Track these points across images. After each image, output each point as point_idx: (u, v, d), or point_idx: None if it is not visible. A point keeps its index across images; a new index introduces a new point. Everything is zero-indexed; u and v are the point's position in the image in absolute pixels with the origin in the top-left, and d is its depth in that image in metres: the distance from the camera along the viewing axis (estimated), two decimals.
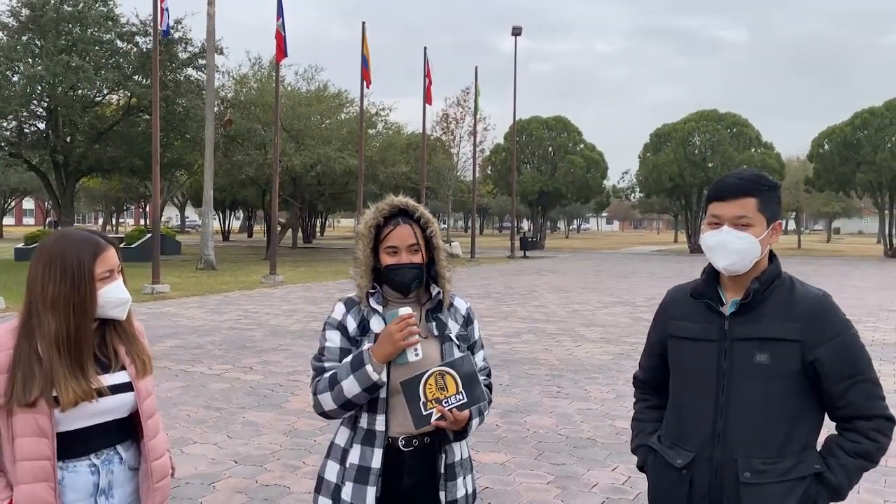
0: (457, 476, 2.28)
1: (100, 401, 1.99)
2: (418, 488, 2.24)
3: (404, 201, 2.32)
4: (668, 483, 2.09)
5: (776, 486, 1.95)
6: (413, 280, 2.26)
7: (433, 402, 2.10)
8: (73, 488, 1.99)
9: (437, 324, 2.30)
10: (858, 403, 1.98)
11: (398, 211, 2.30)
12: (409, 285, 2.26)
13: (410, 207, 2.31)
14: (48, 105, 26.05)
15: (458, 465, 2.30)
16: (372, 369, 2.13)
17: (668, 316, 2.19)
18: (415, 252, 2.26)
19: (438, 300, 2.32)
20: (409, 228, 2.27)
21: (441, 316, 2.32)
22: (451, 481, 2.25)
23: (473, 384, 2.14)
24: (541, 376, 8.25)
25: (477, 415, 2.24)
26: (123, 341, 2.10)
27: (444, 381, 2.12)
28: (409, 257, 2.24)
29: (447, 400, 2.11)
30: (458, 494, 2.27)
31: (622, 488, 4.82)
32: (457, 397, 2.11)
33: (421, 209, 2.33)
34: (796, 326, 1.98)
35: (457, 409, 2.12)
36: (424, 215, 2.31)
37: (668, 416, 2.18)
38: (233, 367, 8.56)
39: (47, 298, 1.95)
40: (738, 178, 2.04)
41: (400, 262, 2.24)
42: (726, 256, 2.01)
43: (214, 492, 4.65)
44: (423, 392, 2.10)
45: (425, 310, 2.32)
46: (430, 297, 2.33)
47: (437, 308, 2.33)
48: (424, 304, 2.33)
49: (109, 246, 2.04)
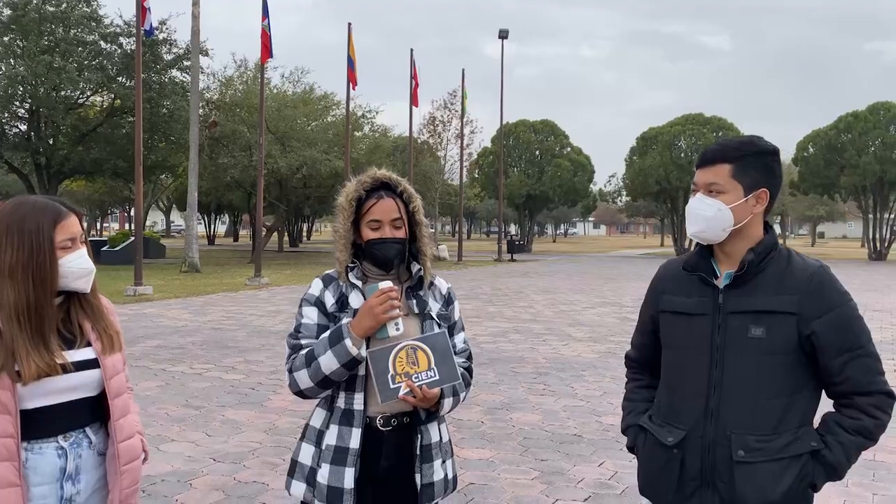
0: (433, 458, 2.18)
1: (64, 377, 1.88)
2: (394, 470, 2.15)
3: (387, 174, 2.23)
4: (659, 463, 2.00)
5: (771, 464, 1.86)
6: (396, 256, 2.18)
7: (402, 375, 2.02)
8: (37, 471, 1.88)
9: (418, 301, 2.22)
10: (858, 378, 1.89)
11: (380, 184, 2.21)
12: (392, 261, 2.18)
13: (393, 181, 2.22)
14: (30, 106, 25.76)
15: (436, 447, 2.20)
16: (351, 343, 2.03)
17: (661, 291, 2.10)
18: (398, 227, 2.17)
19: (419, 277, 2.23)
20: (393, 202, 2.18)
21: (422, 294, 2.24)
22: (427, 463, 2.16)
23: (447, 362, 2.05)
24: (527, 374, 8.15)
25: (451, 394, 2.15)
26: (89, 316, 2.00)
27: (416, 356, 2.04)
28: (392, 232, 2.16)
29: (417, 375, 2.03)
30: (434, 478, 2.18)
31: (609, 483, 4.72)
32: (428, 374, 2.03)
33: (404, 183, 2.24)
34: (793, 298, 1.89)
35: (426, 385, 2.02)
36: (407, 190, 2.23)
37: (660, 394, 2.09)
38: (214, 366, 8.41)
39: (5, 267, 1.84)
40: (718, 145, 1.99)
41: (383, 237, 2.16)
42: (694, 222, 1.96)
43: (191, 489, 4.52)
44: (392, 365, 2.02)
45: (405, 287, 2.24)
46: (410, 275, 2.25)
47: (418, 286, 2.24)
48: (405, 282, 2.25)
49: (71, 213, 1.93)
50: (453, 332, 2.28)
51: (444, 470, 2.22)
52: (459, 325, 2.33)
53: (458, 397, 2.20)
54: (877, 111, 38.98)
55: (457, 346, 2.26)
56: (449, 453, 2.29)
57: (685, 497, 1.94)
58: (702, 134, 43.90)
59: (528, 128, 48.00)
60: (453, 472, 2.29)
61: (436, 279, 2.31)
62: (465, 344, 2.32)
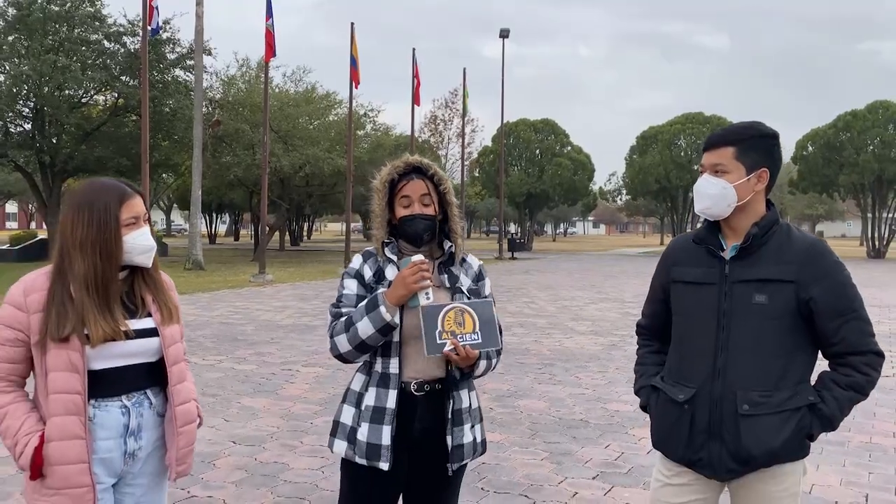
0: (463, 423, 2.35)
1: (126, 342, 2.06)
2: (427, 433, 2.32)
3: (418, 159, 2.41)
4: (671, 419, 2.19)
5: (772, 416, 2.06)
6: (425, 231, 2.34)
7: (448, 333, 2.18)
8: (104, 426, 2.06)
9: (449, 276, 2.39)
10: (851, 339, 2.08)
11: (412, 168, 2.39)
12: (422, 235, 2.35)
13: (424, 165, 2.40)
14: (34, 105, 25.89)
15: (466, 412, 2.37)
16: (385, 310, 2.21)
17: (672, 262, 2.29)
18: (426, 204, 2.35)
19: (450, 254, 2.40)
20: (422, 182, 2.36)
21: (453, 269, 2.41)
22: (458, 427, 2.33)
23: (490, 328, 2.22)
24: (532, 365, 8.34)
25: (485, 358, 2.32)
26: (150, 289, 2.18)
27: (463, 318, 2.21)
28: (421, 209, 2.34)
29: (462, 336, 2.19)
30: (464, 440, 2.35)
31: (615, 463, 4.91)
32: (472, 336, 2.19)
33: (434, 167, 2.41)
34: (792, 268, 2.08)
35: (469, 346, 2.19)
36: (438, 172, 2.40)
37: (671, 357, 2.27)
38: (226, 357, 8.59)
39: (76, 241, 2.03)
40: (722, 130, 2.20)
41: (413, 213, 2.33)
42: (701, 200, 2.16)
43: (215, 469, 4.70)
44: (441, 322, 2.18)
45: (437, 263, 2.40)
46: (443, 252, 2.42)
47: (450, 262, 2.41)
48: (438, 258, 2.41)
49: (136, 194, 2.12)
50: None
51: (473, 434, 2.39)
52: (491, 301, 2.47)
53: (491, 362, 2.37)
54: (875, 110, 39.19)
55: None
56: (478, 418, 2.45)
57: (695, 449, 2.14)
58: (701, 133, 44.11)
59: (528, 127, 48.20)
60: (482, 436, 2.46)
61: (468, 256, 2.48)
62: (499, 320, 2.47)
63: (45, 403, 2.02)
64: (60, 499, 1.98)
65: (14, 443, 1.99)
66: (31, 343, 2.02)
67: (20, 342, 2.02)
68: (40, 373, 2.02)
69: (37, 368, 2.04)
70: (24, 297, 2.03)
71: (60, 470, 1.98)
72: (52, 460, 1.98)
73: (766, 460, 2.08)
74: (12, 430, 2.00)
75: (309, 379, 7.48)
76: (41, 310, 2.01)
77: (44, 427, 2.00)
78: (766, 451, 2.06)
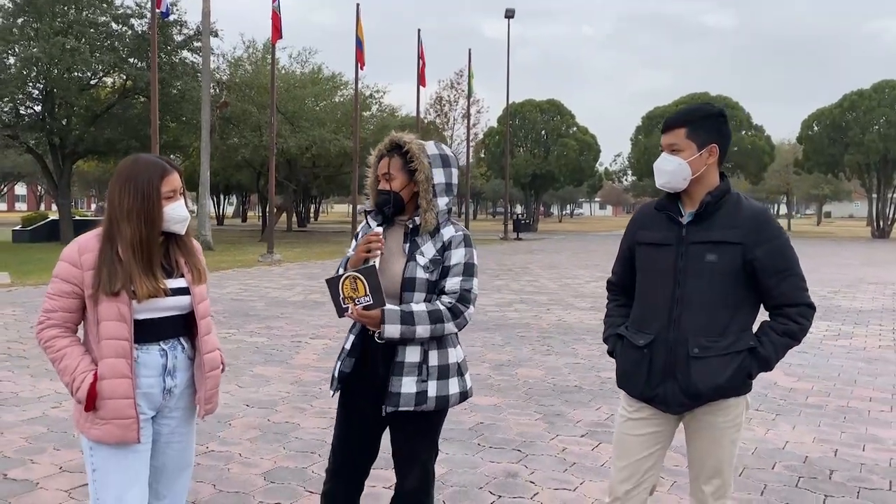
0: (404, 374, 2.60)
1: (165, 299, 2.41)
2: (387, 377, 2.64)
3: (397, 136, 2.69)
4: (633, 361, 2.53)
5: (718, 358, 2.40)
6: (383, 204, 2.66)
7: (349, 298, 2.55)
8: (146, 366, 2.42)
9: (411, 245, 2.65)
10: (787, 293, 2.42)
11: (394, 146, 2.68)
12: (382, 207, 2.66)
13: (402, 142, 2.67)
14: (44, 87, 26.20)
15: (414, 366, 2.60)
16: (342, 270, 2.64)
17: (638, 227, 2.63)
18: (387, 180, 2.66)
19: (415, 225, 2.66)
20: (387, 160, 2.67)
21: (417, 239, 2.65)
22: (397, 376, 2.60)
23: (378, 291, 2.52)
24: (532, 338, 8.68)
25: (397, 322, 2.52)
26: (183, 253, 2.52)
27: (356, 284, 2.54)
28: (384, 184, 2.67)
29: (358, 300, 2.54)
30: (401, 389, 2.59)
31: (604, 423, 5.25)
32: (364, 299, 2.53)
33: (410, 144, 2.65)
34: (739, 232, 2.41)
35: (363, 308, 2.53)
36: (412, 149, 2.64)
37: (634, 309, 2.61)
38: (238, 331, 8.97)
39: (124, 210, 2.36)
40: (674, 113, 2.53)
41: (381, 189, 2.68)
42: (660, 176, 2.49)
43: (230, 428, 5.07)
44: (340, 289, 2.55)
45: (405, 232, 2.68)
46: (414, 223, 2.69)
47: (415, 232, 2.66)
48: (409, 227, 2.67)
49: (174, 171, 2.45)
50: (448, 275, 2.60)
51: (420, 387, 2.61)
52: (456, 270, 2.61)
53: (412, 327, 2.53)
54: (881, 89, 39.12)
55: (445, 286, 2.59)
56: (434, 375, 2.62)
57: (653, 387, 2.48)
58: None
59: (534, 107, 48.24)
60: (439, 392, 2.62)
61: (445, 227, 2.68)
62: (457, 287, 2.60)
63: (96, 348, 2.36)
64: (110, 427, 2.33)
65: (72, 379, 2.34)
66: (85, 296, 2.35)
67: (75, 294, 2.37)
68: (92, 321, 2.36)
69: (89, 317, 2.37)
70: (79, 256, 2.36)
71: (111, 403, 2.33)
72: (104, 395, 2.33)
73: (712, 395, 2.42)
74: (70, 368, 2.35)
75: (317, 350, 7.84)
76: (93, 267, 2.34)
77: (96, 367, 2.35)
78: (713, 387, 2.39)
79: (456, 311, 2.59)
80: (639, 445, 2.55)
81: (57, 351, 2.37)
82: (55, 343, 2.38)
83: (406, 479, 2.70)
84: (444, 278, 2.61)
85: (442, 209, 2.66)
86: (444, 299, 2.59)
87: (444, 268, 2.62)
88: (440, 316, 2.57)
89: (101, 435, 2.34)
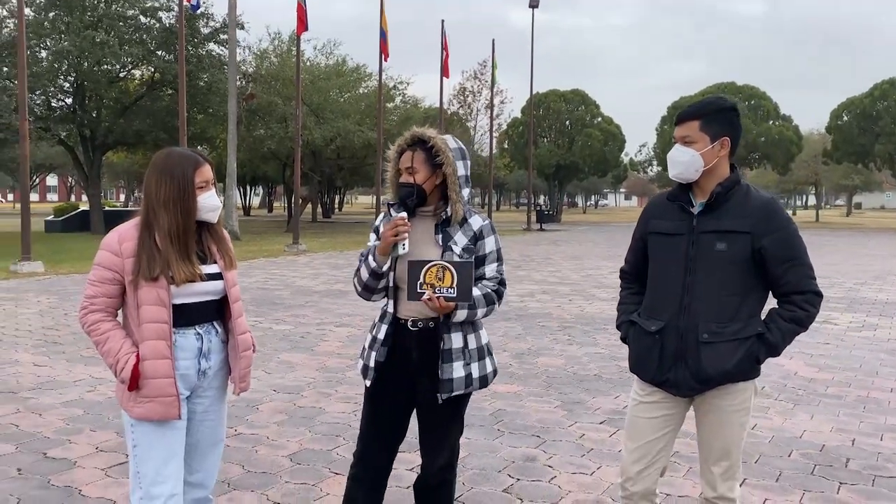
0: (453, 360, 2.73)
1: (200, 284, 2.55)
2: (424, 363, 2.75)
3: (419, 131, 2.77)
4: (645, 346, 2.62)
5: (727, 344, 2.48)
6: (407, 196, 2.73)
7: (428, 285, 2.59)
8: (183, 348, 2.56)
9: (443, 235, 2.76)
10: (794, 281, 2.49)
11: (417, 140, 2.76)
12: (405, 201, 2.74)
13: (425, 137, 2.75)
14: (75, 80, 26.71)
15: (459, 351, 2.74)
16: (372, 259, 2.71)
17: (650, 216, 2.72)
18: (410, 174, 2.73)
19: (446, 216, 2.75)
20: (411, 154, 2.74)
21: (449, 230, 2.76)
22: (447, 363, 2.72)
23: (466, 286, 2.58)
24: (553, 328, 8.77)
25: (465, 308, 2.67)
26: (215, 240, 2.66)
27: (443, 274, 2.59)
28: (406, 177, 2.75)
29: (440, 289, 2.59)
30: (453, 375, 2.73)
31: (623, 411, 5.33)
32: (448, 290, 2.58)
33: (434, 139, 2.73)
34: (748, 221, 2.49)
35: (444, 298, 2.59)
36: (436, 144, 2.72)
37: (647, 296, 2.70)
38: (264, 319, 9.16)
39: (160, 200, 2.50)
40: (688, 106, 2.60)
41: (403, 181, 2.76)
42: (673, 167, 2.57)
43: (258, 412, 5.23)
44: (423, 274, 2.59)
45: (435, 224, 2.77)
46: (445, 214, 2.78)
47: (446, 223, 2.76)
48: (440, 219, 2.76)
49: (206, 163, 2.59)
50: (485, 263, 2.79)
51: (466, 370, 2.75)
52: (492, 258, 2.80)
53: (475, 311, 2.71)
54: None
55: (485, 273, 2.77)
56: (475, 357, 2.77)
57: (664, 371, 2.57)
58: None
59: (558, 97, 48.06)
60: (480, 373, 2.81)
61: (472, 217, 2.81)
62: (497, 273, 2.82)
63: (136, 331, 2.50)
64: (153, 405, 2.48)
65: (115, 360, 2.48)
66: (126, 282, 2.49)
67: (116, 281, 2.51)
68: (132, 305, 2.50)
69: (129, 302, 2.51)
70: (119, 245, 2.50)
71: (153, 383, 2.47)
72: (146, 374, 2.47)
73: (721, 379, 2.50)
74: (113, 350, 2.49)
75: (342, 337, 8.00)
76: (133, 255, 2.48)
77: (137, 349, 2.49)
78: (722, 371, 2.48)
79: (500, 294, 2.81)
80: (650, 428, 2.65)
81: (101, 334, 2.51)
82: (99, 326, 2.52)
83: (437, 458, 2.85)
84: (482, 266, 2.76)
85: (466, 199, 2.77)
86: (488, 284, 2.76)
87: (480, 256, 2.76)
88: (492, 299, 2.76)
89: (144, 412, 2.48)
